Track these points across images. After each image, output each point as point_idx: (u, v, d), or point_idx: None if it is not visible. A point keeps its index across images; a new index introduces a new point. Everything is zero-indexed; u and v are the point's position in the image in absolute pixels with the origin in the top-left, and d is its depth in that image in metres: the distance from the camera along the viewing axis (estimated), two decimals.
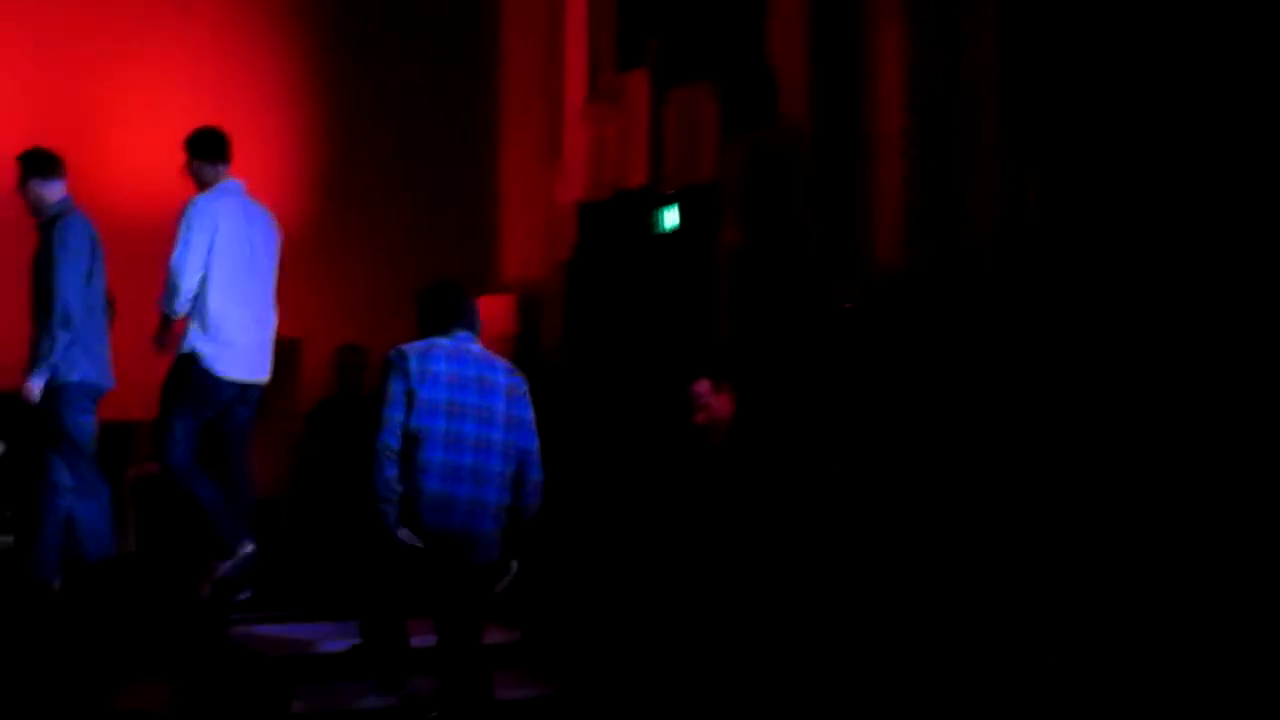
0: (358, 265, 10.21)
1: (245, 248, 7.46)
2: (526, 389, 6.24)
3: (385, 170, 10.67)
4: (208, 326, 7.29)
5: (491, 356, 6.24)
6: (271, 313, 7.63)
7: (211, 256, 7.31)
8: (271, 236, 7.67)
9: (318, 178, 10.52)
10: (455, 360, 6.07)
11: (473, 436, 6.01)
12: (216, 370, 7.30)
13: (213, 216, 7.33)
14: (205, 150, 7.54)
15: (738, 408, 6.69)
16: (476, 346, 6.21)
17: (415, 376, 5.96)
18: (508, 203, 10.87)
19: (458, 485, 5.95)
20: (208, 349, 7.29)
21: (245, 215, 7.51)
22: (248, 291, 7.46)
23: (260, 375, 7.55)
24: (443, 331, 6.17)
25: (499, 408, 6.10)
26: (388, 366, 6.02)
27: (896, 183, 7.18)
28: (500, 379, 6.17)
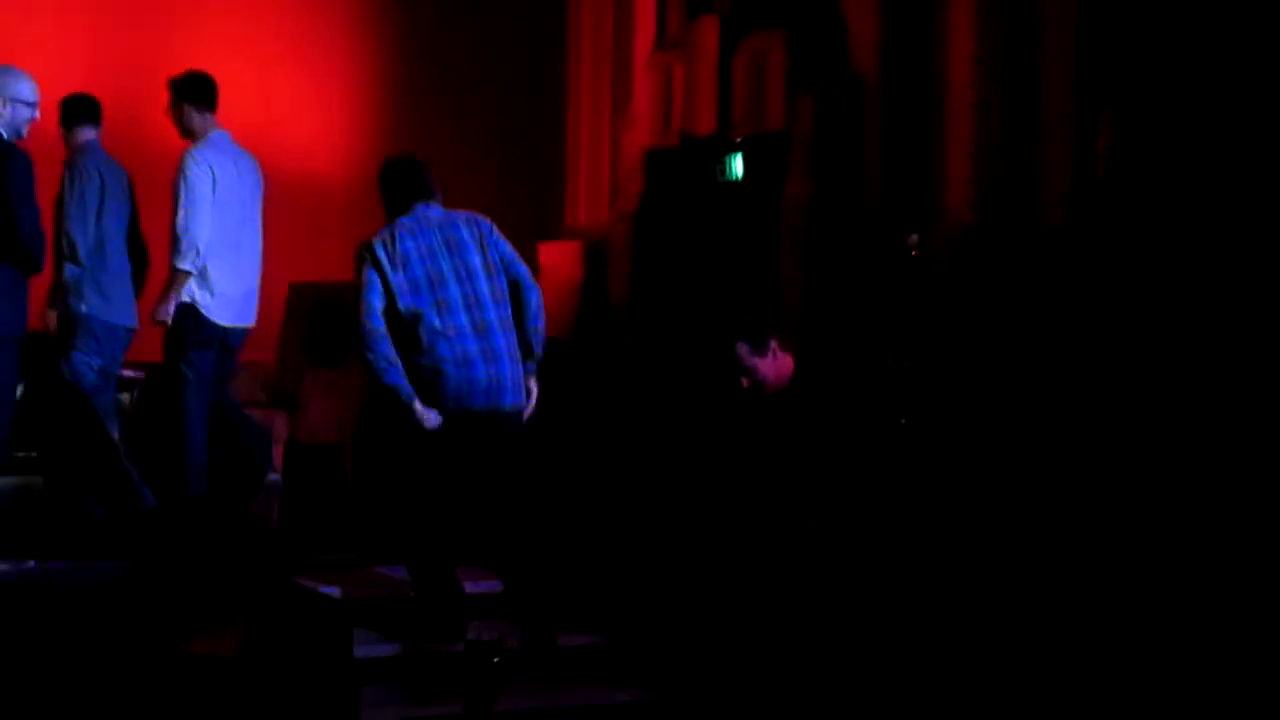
0: None
1: (237, 200, 7.63)
2: (491, 225, 6.37)
3: (454, 118, 10.66)
4: (207, 277, 7.50)
5: (450, 214, 6.36)
6: (259, 260, 7.84)
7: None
8: (259, 185, 7.85)
9: (386, 128, 10.53)
10: (419, 234, 6.21)
11: (460, 297, 6.17)
12: (214, 318, 7.54)
13: (210, 170, 7.50)
14: (194, 94, 7.63)
15: (797, 360, 6.53)
16: (435, 210, 6.33)
17: (387, 264, 6.11)
18: (576, 150, 10.84)
19: (465, 344, 6.14)
20: (206, 299, 7.51)
21: (236, 167, 7.66)
22: (238, 241, 7.64)
23: (247, 321, 7.77)
24: (403, 210, 6.30)
25: (474, 262, 6.25)
26: (359, 261, 6.17)
27: (966, 133, 7.10)
28: (465, 233, 6.30)
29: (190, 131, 7.60)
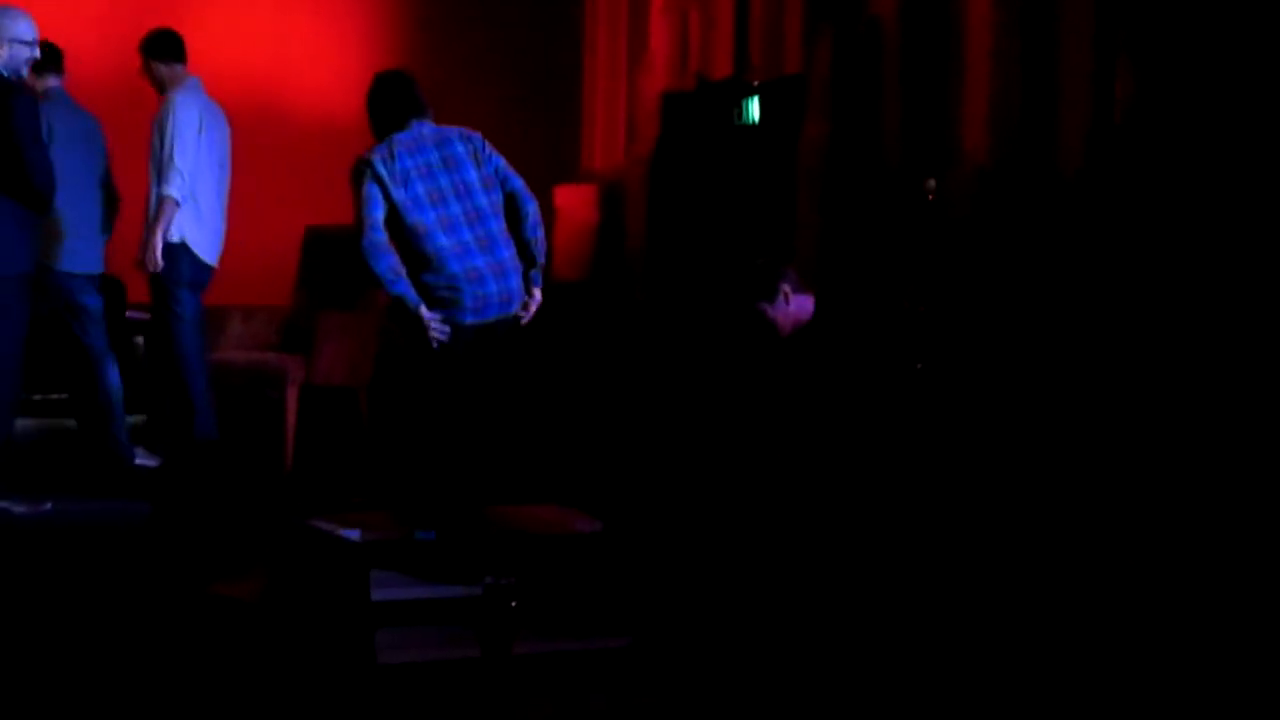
0: None
1: (216, 143, 7.78)
2: (483, 138, 6.33)
3: (471, 62, 10.63)
4: (201, 214, 7.68)
5: (443, 130, 6.29)
6: (225, 205, 7.93)
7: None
8: (227, 133, 7.95)
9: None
10: (417, 152, 6.15)
11: (462, 213, 6.15)
12: (205, 256, 7.71)
13: (197, 110, 7.66)
14: (163, 51, 7.75)
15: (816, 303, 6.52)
16: (428, 127, 6.27)
17: (388, 179, 6.07)
18: (592, 93, 10.81)
19: (474, 260, 6.11)
20: (197, 237, 7.68)
21: (209, 112, 7.79)
22: (209, 185, 7.76)
23: (214, 261, 7.85)
24: (398, 127, 6.22)
25: (471, 177, 6.21)
26: (357, 175, 6.10)
27: (984, 77, 7.06)
28: (460, 149, 6.24)
29: (164, 85, 7.74)
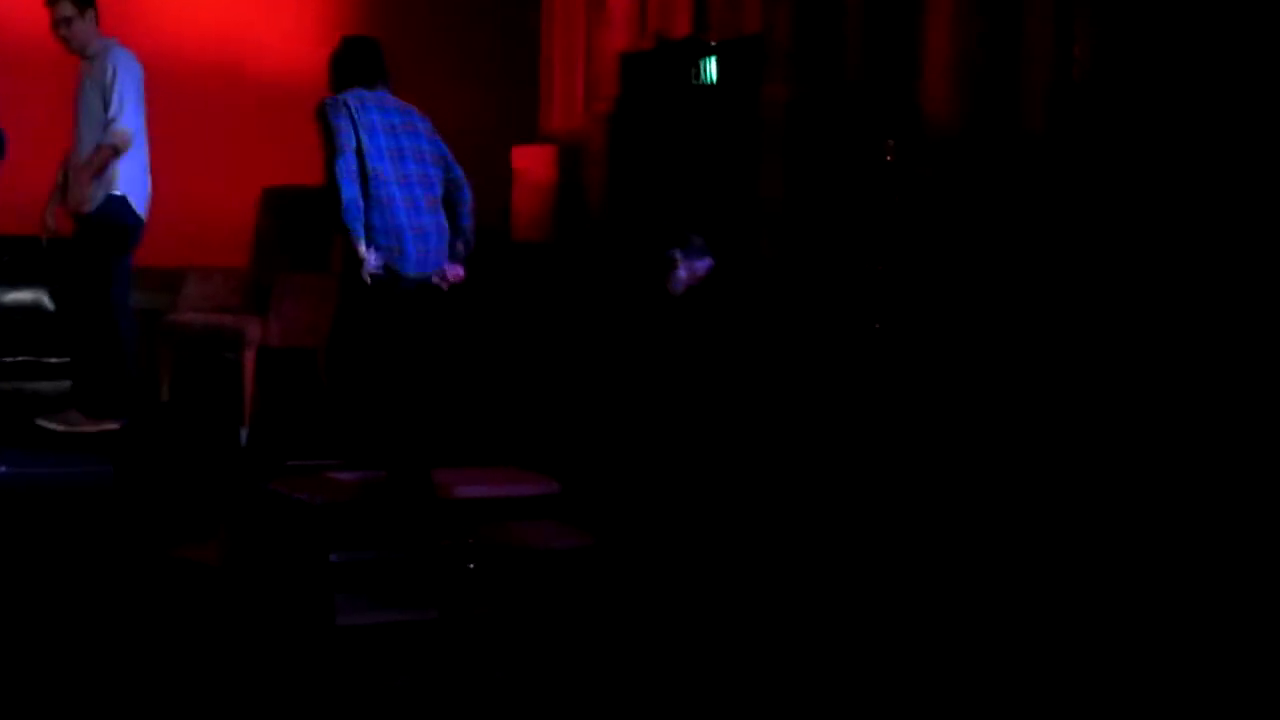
0: None
1: (143, 100, 7.67)
2: (432, 125, 6.55)
3: (428, 21, 10.56)
4: (146, 169, 7.63)
5: (403, 102, 6.50)
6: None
7: None
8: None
9: (360, 30, 10.37)
10: (383, 110, 6.35)
11: (417, 174, 6.37)
12: (140, 210, 7.61)
13: (131, 63, 7.56)
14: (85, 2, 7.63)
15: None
16: (388, 96, 6.47)
17: (358, 118, 6.24)
18: (550, 53, 10.74)
19: (422, 218, 6.32)
20: (140, 192, 7.61)
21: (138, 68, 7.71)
22: (143, 143, 7.68)
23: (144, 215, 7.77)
24: (366, 85, 6.40)
25: (425, 147, 6.45)
26: (330, 109, 6.25)
27: (947, 36, 7.06)
28: (418, 121, 6.48)
29: (83, 44, 7.58)
